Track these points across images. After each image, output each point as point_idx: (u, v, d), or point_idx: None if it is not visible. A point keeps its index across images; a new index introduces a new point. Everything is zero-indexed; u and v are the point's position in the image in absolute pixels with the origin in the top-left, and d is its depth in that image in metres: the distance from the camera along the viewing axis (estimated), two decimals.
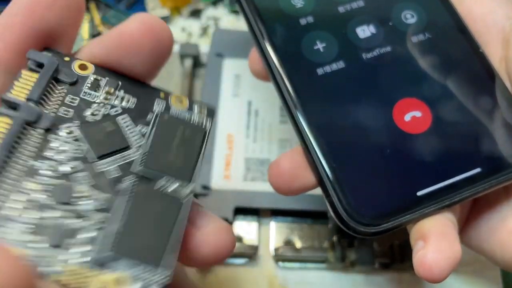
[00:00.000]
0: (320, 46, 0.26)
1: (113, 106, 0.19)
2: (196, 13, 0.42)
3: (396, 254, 0.34)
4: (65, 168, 0.18)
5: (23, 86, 0.18)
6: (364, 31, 0.27)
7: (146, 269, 0.17)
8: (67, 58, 0.19)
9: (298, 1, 0.27)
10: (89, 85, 0.19)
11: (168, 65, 0.22)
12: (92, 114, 0.19)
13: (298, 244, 0.35)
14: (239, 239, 0.35)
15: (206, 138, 0.20)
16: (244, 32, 0.28)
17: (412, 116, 0.25)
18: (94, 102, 0.19)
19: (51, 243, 0.16)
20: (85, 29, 0.41)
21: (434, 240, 0.23)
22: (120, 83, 0.20)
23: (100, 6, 0.42)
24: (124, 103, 0.19)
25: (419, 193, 0.24)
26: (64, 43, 0.20)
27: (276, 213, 0.36)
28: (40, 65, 0.18)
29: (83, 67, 0.19)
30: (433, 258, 0.22)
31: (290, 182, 0.25)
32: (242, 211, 0.35)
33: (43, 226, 0.16)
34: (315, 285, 0.34)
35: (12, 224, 0.16)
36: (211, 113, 0.21)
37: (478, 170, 0.25)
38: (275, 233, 0.35)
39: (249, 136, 0.36)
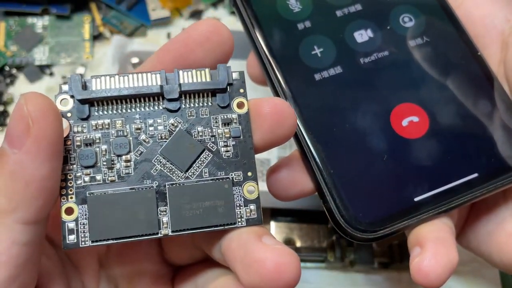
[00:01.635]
0: (317, 51, 0.27)
1: (214, 143, 0.21)
2: (196, 14, 0.42)
3: (395, 254, 0.35)
4: (143, 136, 0.21)
5: (194, 74, 0.21)
6: (362, 36, 0.27)
7: None
8: (242, 90, 0.21)
9: (295, 5, 0.27)
10: (224, 117, 0.21)
11: None
12: (197, 131, 0.21)
13: (298, 243, 0.35)
14: None
15: None
16: (244, 33, 0.28)
17: (410, 121, 0.26)
18: (210, 128, 0.21)
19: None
20: (86, 30, 0.41)
21: (431, 246, 0.23)
22: (241, 138, 0.21)
23: (101, 7, 0.42)
24: (222, 150, 0.21)
25: (416, 199, 0.24)
26: None
27: (275, 212, 0.36)
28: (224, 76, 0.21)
29: (240, 105, 0.21)
30: (430, 265, 0.22)
31: (288, 188, 0.25)
32: None
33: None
34: (314, 284, 0.35)
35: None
36: None
37: (475, 175, 0.25)
38: (274, 233, 0.36)
39: None
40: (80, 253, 0.23)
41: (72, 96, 0.20)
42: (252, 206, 0.21)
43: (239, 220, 0.21)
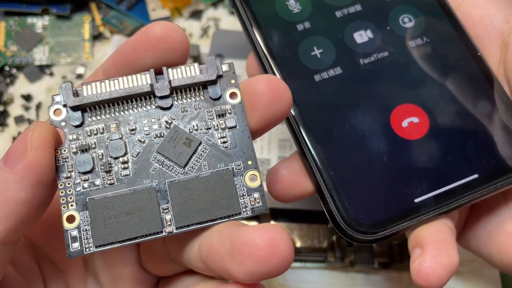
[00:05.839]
0: (317, 52, 0.26)
1: (211, 136, 0.21)
2: (196, 14, 0.42)
3: (395, 254, 0.35)
4: (138, 136, 0.21)
5: (183, 70, 0.21)
6: (362, 36, 0.27)
7: None
8: (233, 81, 0.21)
9: (295, 6, 0.27)
10: (218, 109, 0.21)
11: None
12: (192, 126, 0.21)
13: (298, 243, 0.35)
14: None
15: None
16: (244, 34, 0.28)
17: (410, 122, 0.25)
18: (205, 121, 0.21)
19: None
20: (86, 30, 0.41)
21: (431, 248, 0.23)
22: (238, 127, 0.21)
23: (101, 7, 0.42)
24: (219, 141, 0.21)
25: (416, 200, 0.24)
26: None
27: (275, 213, 0.36)
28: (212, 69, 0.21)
29: (233, 95, 0.21)
30: (430, 267, 0.22)
31: (288, 189, 0.25)
32: None
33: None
34: (314, 284, 0.35)
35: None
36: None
37: (475, 176, 0.25)
38: None
39: None
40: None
41: (65, 106, 0.20)
42: (256, 195, 0.20)
43: (244, 210, 0.20)
